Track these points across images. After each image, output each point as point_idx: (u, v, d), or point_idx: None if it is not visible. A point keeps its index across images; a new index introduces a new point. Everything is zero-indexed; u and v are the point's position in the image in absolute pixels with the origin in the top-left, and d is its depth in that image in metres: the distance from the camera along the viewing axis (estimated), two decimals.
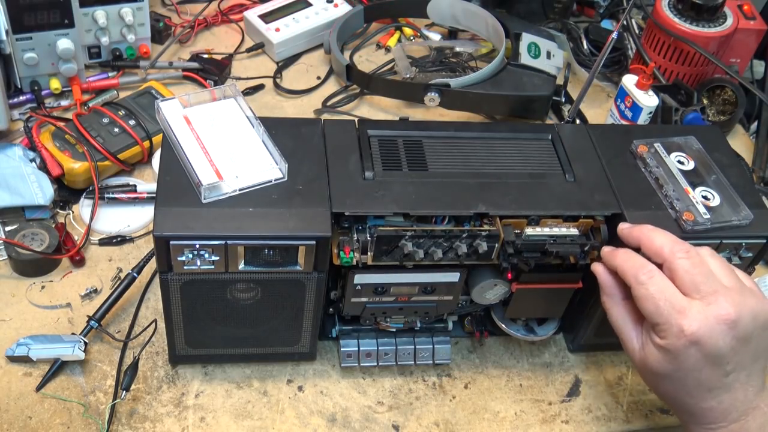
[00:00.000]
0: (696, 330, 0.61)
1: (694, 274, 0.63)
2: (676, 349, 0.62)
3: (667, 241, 0.66)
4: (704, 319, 0.61)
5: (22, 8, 0.94)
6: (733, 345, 0.62)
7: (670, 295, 0.63)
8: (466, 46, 1.21)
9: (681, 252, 0.64)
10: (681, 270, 0.63)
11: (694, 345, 0.62)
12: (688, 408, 0.66)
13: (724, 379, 0.64)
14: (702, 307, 0.61)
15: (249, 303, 0.74)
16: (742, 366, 0.64)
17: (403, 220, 0.72)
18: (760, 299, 0.64)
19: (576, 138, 0.81)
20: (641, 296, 0.64)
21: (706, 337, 0.61)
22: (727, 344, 0.62)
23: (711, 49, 1.09)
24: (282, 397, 0.80)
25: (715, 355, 0.62)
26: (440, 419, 0.80)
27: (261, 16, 1.19)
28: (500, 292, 0.78)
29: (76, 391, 0.77)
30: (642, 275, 0.64)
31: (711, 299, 0.62)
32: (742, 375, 0.64)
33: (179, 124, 0.75)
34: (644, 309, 0.64)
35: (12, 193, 0.88)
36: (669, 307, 0.62)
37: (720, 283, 0.63)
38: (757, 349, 0.64)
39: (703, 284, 0.62)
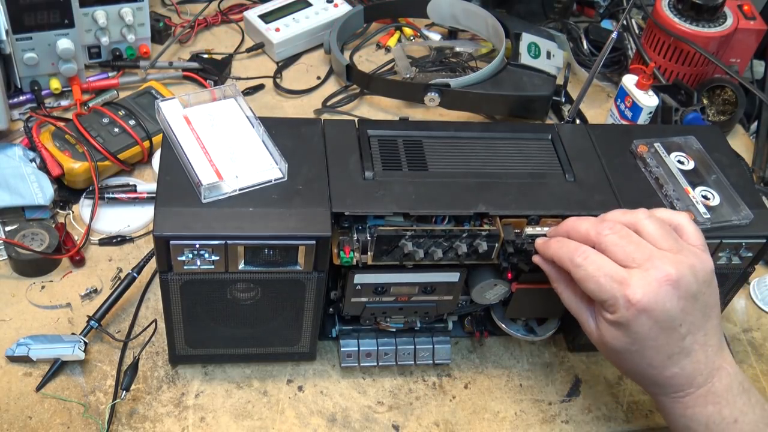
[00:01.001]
0: (641, 297, 0.61)
1: (624, 245, 0.63)
2: (627, 320, 0.62)
3: (591, 224, 0.66)
4: (647, 284, 0.61)
5: (22, 8, 0.94)
6: (681, 305, 0.62)
7: (609, 270, 0.62)
8: (466, 46, 1.21)
9: (606, 229, 0.64)
10: (611, 245, 0.63)
11: (643, 313, 0.61)
12: (653, 379, 0.66)
13: (681, 342, 0.63)
14: (641, 273, 0.61)
15: (249, 303, 0.74)
16: (696, 326, 0.64)
17: (403, 220, 0.72)
18: (699, 255, 0.64)
19: (576, 138, 0.81)
20: (581, 278, 0.64)
21: (653, 302, 0.61)
22: (675, 305, 0.62)
23: (711, 49, 1.09)
24: (282, 397, 0.80)
25: (666, 318, 0.62)
26: (440, 419, 0.80)
27: (261, 16, 1.19)
28: (500, 292, 0.78)
29: (76, 391, 0.77)
30: (577, 258, 0.64)
31: (648, 264, 0.61)
32: (699, 336, 0.64)
33: (179, 124, 0.75)
34: (588, 289, 0.64)
35: (12, 193, 0.88)
36: (610, 282, 0.62)
37: (653, 248, 0.63)
38: (706, 306, 0.64)
39: (635, 252, 0.62)
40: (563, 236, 0.68)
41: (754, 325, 0.92)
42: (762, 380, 0.87)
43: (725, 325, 0.90)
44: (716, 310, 0.65)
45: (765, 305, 0.94)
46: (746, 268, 0.78)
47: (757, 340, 0.91)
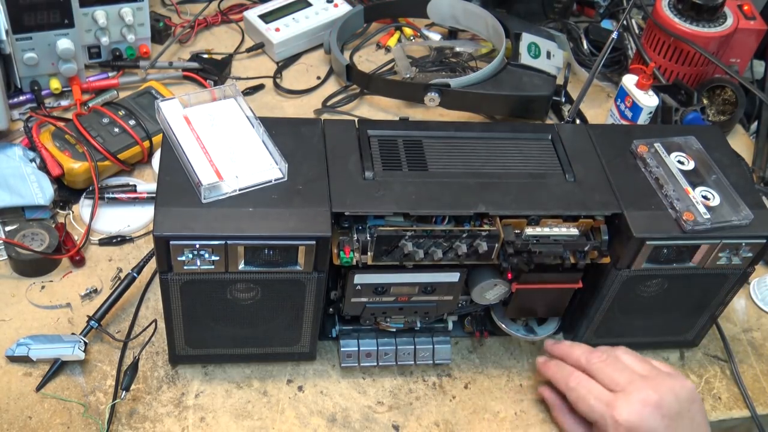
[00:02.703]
0: (627, 417, 0.68)
1: (610, 372, 0.72)
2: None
3: (582, 351, 0.75)
4: (630, 405, 0.68)
5: (22, 8, 0.94)
6: (666, 423, 0.69)
7: (598, 393, 0.71)
8: (466, 46, 1.21)
9: (595, 357, 0.74)
10: (599, 371, 0.72)
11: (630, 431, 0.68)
12: None
13: None
14: (626, 396, 0.69)
15: (249, 303, 0.74)
16: None
17: (403, 220, 0.72)
18: (677, 378, 0.72)
19: (576, 138, 0.81)
20: (575, 399, 0.73)
21: (638, 421, 0.68)
22: (659, 423, 0.68)
23: (711, 49, 1.09)
24: (282, 397, 0.80)
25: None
26: (440, 419, 0.80)
27: (261, 16, 1.19)
28: (500, 292, 0.78)
29: (76, 391, 0.77)
30: (571, 382, 0.73)
31: (631, 388, 0.70)
32: None
33: (179, 124, 0.75)
34: (581, 410, 0.72)
35: (12, 193, 0.88)
36: (599, 404, 0.70)
37: (636, 374, 0.71)
38: (693, 423, 0.70)
39: (620, 378, 0.71)
40: (559, 357, 0.78)
41: (754, 325, 0.92)
42: (762, 380, 0.87)
43: (725, 325, 0.90)
44: (704, 427, 0.71)
45: (765, 305, 0.94)
46: (746, 268, 0.78)
47: (757, 340, 0.91)
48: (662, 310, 0.82)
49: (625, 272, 0.75)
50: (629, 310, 0.81)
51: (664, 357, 0.88)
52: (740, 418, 0.84)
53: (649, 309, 0.81)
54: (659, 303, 0.81)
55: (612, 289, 0.77)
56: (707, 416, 0.73)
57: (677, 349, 0.89)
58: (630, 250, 0.73)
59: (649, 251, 0.73)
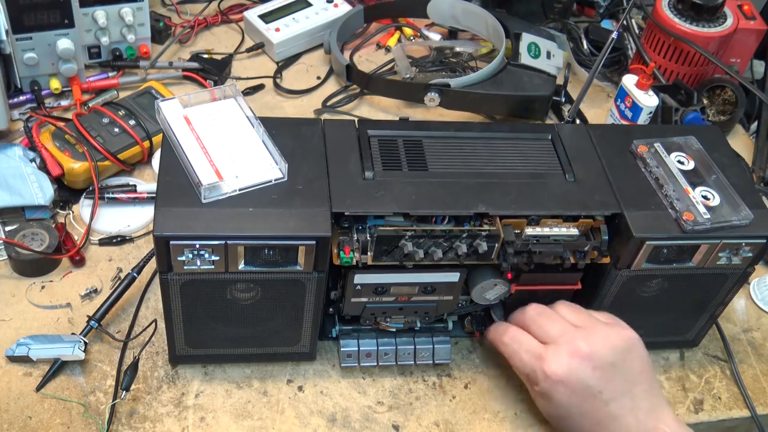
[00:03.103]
0: (555, 369, 0.67)
1: (541, 322, 0.71)
2: (547, 391, 0.69)
3: (520, 310, 0.75)
4: (559, 357, 0.68)
5: (22, 8, 0.94)
6: (598, 375, 0.67)
7: (529, 346, 0.70)
8: (466, 46, 1.21)
9: (531, 310, 0.73)
10: (530, 321, 0.72)
11: (559, 383, 0.68)
12: None
13: (606, 408, 0.68)
14: (556, 348, 0.68)
15: (249, 303, 0.74)
16: (620, 392, 0.68)
17: (403, 220, 0.72)
18: (613, 328, 0.70)
19: (576, 138, 0.81)
20: (509, 355, 0.73)
21: (567, 373, 0.67)
22: (590, 375, 0.67)
23: (711, 49, 1.09)
24: (282, 397, 0.80)
25: (582, 387, 0.68)
26: (440, 419, 0.80)
27: (261, 16, 1.19)
28: (500, 292, 0.78)
29: (76, 391, 0.77)
30: (505, 338, 0.73)
31: (561, 340, 0.69)
32: (625, 401, 0.68)
33: (179, 124, 0.75)
34: (514, 366, 0.73)
35: (12, 193, 0.88)
36: (530, 357, 0.70)
37: (568, 325, 0.70)
38: (630, 373, 0.68)
39: (551, 329, 0.70)
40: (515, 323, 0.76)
41: (754, 325, 0.92)
42: (762, 380, 0.87)
43: (725, 325, 0.90)
44: (645, 375, 0.69)
45: (765, 305, 0.94)
46: (746, 268, 0.78)
47: (757, 340, 0.91)
48: (662, 310, 0.82)
49: (625, 272, 0.75)
50: (629, 310, 0.81)
51: (664, 357, 0.88)
52: (740, 418, 0.84)
53: (649, 309, 0.81)
54: (659, 303, 0.81)
55: (612, 289, 0.77)
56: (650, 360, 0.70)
57: (677, 349, 0.89)
58: (630, 250, 0.73)
59: (649, 251, 0.73)
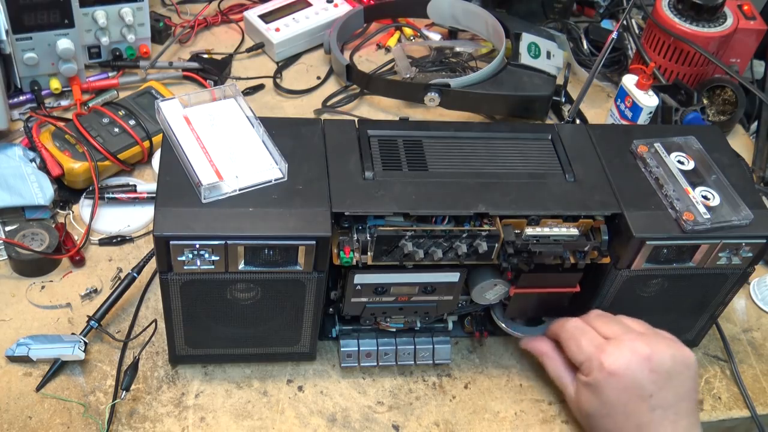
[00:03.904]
0: (613, 361, 0.68)
1: (608, 324, 0.72)
2: (598, 382, 0.69)
3: (578, 318, 0.76)
4: (620, 352, 0.69)
5: (22, 8, 0.94)
6: (653, 378, 0.68)
7: (591, 337, 0.71)
8: (466, 46, 1.21)
9: (593, 314, 0.75)
10: (596, 322, 0.73)
11: (613, 377, 0.68)
12: None
13: (651, 413, 0.68)
14: (618, 343, 0.69)
15: (249, 303, 0.74)
16: (667, 402, 0.68)
17: (403, 220, 0.72)
18: (676, 343, 0.71)
19: (576, 138, 0.81)
20: (567, 338, 0.73)
21: (623, 368, 0.68)
22: (645, 376, 0.68)
23: (711, 49, 1.09)
24: (282, 397, 0.80)
25: (635, 386, 0.68)
26: (440, 419, 0.80)
27: (261, 16, 1.19)
28: (500, 292, 0.78)
29: (76, 391, 0.77)
30: (568, 324, 0.75)
31: (624, 338, 0.70)
32: (669, 412, 0.68)
33: (179, 124, 0.75)
34: (569, 349, 0.73)
35: (12, 193, 0.88)
36: (589, 345, 0.71)
37: (632, 329, 0.72)
38: (682, 389, 0.69)
39: (617, 330, 0.71)
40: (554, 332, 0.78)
41: (754, 325, 0.92)
42: (762, 380, 0.87)
43: (725, 325, 0.90)
44: (692, 395, 0.70)
45: (765, 305, 0.94)
46: (746, 268, 0.78)
47: (757, 340, 0.91)
48: (662, 310, 0.82)
49: (625, 272, 0.75)
50: (629, 310, 0.81)
51: None
52: (740, 418, 0.84)
53: (649, 309, 0.81)
54: (659, 303, 0.81)
55: (612, 289, 0.77)
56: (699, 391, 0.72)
57: None
58: (630, 250, 0.73)
59: (649, 251, 0.73)
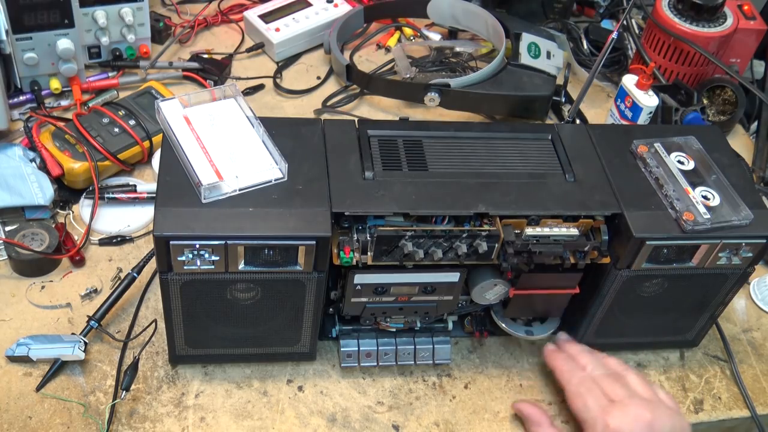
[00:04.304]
0: (618, 424, 0.70)
1: (615, 385, 0.74)
2: None
3: (590, 359, 0.77)
4: (624, 416, 0.70)
5: (22, 8, 0.94)
6: None
7: (598, 396, 0.73)
8: (466, 46, 1.21)
9: (602, 369, 0.76)
10: (602, 380, 0.74)
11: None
12: None
13: None
14: (623, 407, 0.71)
15: (249, 303, 0.74)
16: None
17: (403, 220, 0.72)
18: (676, 412, 0.74)
19: (576, 138, 0.81)
20: (573, 395, 0.74)
21: (627, 431, 0.70)
22: None
23: (711, 49, 1.09)
24: (282, 397, 0.80)
25: None
26: (440, 419, 0.80)
27: (261, 16, 1.19)
28: (500, 292, 0.79)
29: (76, 391, 0.77)
30: (575, 378, 0.75)
31: (629, 402, 0.72)
32: None
33: (179, 124, 0.75)
34: (575, 406, 0.74)
35: (12, 193, 0.88)
36: (596, 405, 0.72)
37: (637, 394, 0.73)
38: None
39: (622, 393, 0.73)
40: (567, 353, 0.79)
41: (754, 325, 0.92)
42: (762, 380, 0.87)
43: (725, 325, 0.90)
44: None
45: (765, 305, 0.94)
46: (746, 268, 0.78)
47: (757, 340, 0.91)
48: (662, 310, 0.82)
49: (625, 272, 0.75)
50: (629, 310, 0.81)
51: (664, 357, 0.88)
52: (740, 418, 0.84)
53: (649, 309, 0.81)
54: (659, 303, 0.81)
55: (612, 289, 0.77)
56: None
57: (677, 349, 0.89)
58: (630, 250, 0.73)
59: (649, 251, 0.73)
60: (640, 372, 0.79)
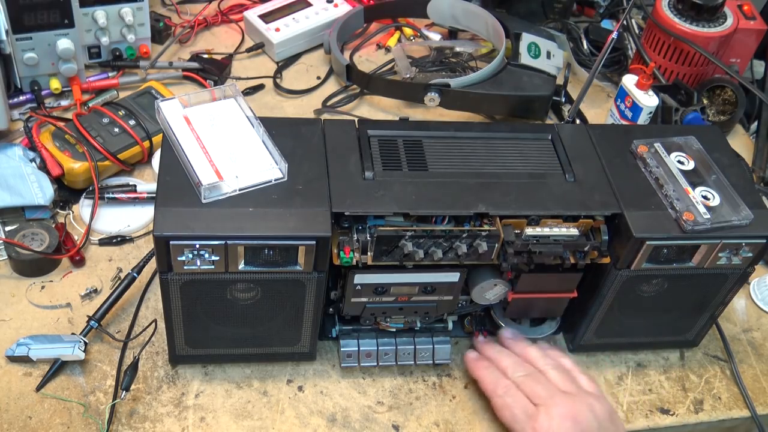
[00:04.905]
0: (546, 429, 0.71)
1: (534, 386, 0.75)
2: None
3: (511, 362, 0.78)
4: (550, 419, 0.72)
5: (22, 8, 0.94)
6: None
7: (523, 405, 0.74)
8: (466, 46, 1.21)
9: (520, 371, 0.77)
10: (523, 385, 0.75)
11: None
12: None
13: None
14: (547, 410, 0.72)
15: (249, 303, 0.74)
16: None
17: (403, 220, 0.72)
18: (597, 398, 0.75)
19: (576, 138, 0.81)
20: (500, 406, 0.76)
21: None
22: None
23: (711, 49, 1.09)
24: (282, 397, 0.80)
25: None
26: (440, 419, 0.80)
27: (261, 16, 1.19)
28: (500, 292, 0.78)
29: (76, 391, 0.77)
30: (500, 389, 0.76)
31: (550, 402, 0.73)
32: None
33: (179, 124, 0.75)
34: (503, 417, 0.75)
35: (12, 193, 0.88)
36: (522, 414, 0.73)
37: (557, 390, 0.74)
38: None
39: (543, 392, 0.74)
40: (487, 357, 0.80)
41: (754, 325, 0.92)
42: (762, 380, 0.87)
43: (725, 325, 0.90)
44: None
45: (765, 305, 0.94)
46: (746, 268, 0.78)
47: (757, 340, 0.91)
48: (662, 310, 0.82)
49: (625, 272, 0.75)
50: (629, 310, 0.81)
51: (664, 357, 0.88)
52: (740, 418, 0.84)
53: (649, 309, 0.81)
54: (659, 303, 0.81)
55: (612, 289, 0.77)
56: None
57: (677, 349, 0.89)
58: (630, 250, 0.73)
59: (649, 251, 0.73)
60: (556, 350, 0.80)
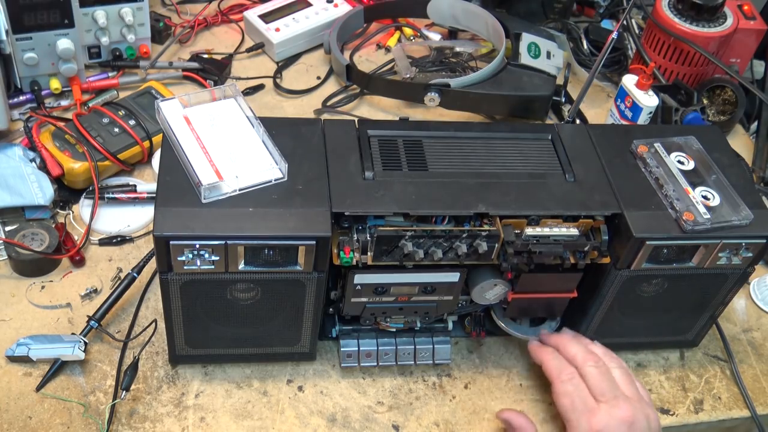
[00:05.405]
0: (602, 427, 0.72)
1: (600, 381, 0.75)
2: None
3: (579, 349, 0.78)
4: (609, 418, 0.72)
5: (22, 8, 0.94)
6: None
7: (584, 396, 0.74)
8: (466, 46, 1.21)
9: (590, 361, 0.76)
10: (590, 376, 0.75)
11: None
12: None
13: None
14: (607, 408, 0.73)
15: (249, 303, 0.74)
16: None
17: (403, 220, 0.72)
18: (651, 408, 0.76)
19: (576, 138, 0.81)
20: (561, 392, 0.75)
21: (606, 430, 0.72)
22: None
23: (711, 49, 1.09)
24: (282, 397, 0.80)
25: None
26: (440, 419, 0.80)
27: (261, 16, 1.19)
28: (500, 292, 0.78)
29: (76, 391, 0.77)
30: (564, 375, 0.76)
31: (614, 403, 0.73)
32: None
33: (179, 124, 0.75)
34: (560, 404, 0.75)
35: (12, 193, 0.88)
36: (582, 405, 0.74)
37: (621, 391, 0.75)
38: None
39: (608, 390, 0.74)
40: (554, 346, 0.80)
41: (754, 325, 0.92)
42: (762, 380, 0.87)
43: (725, 325, 0.90)
44: None
45: (765, 305, 0.94)
46: (746, 268, 0.78)
47: (757, 340, 0.91)
48: (662, 310, 0.82)
49: (625, 272, 0.75)
50: (629, 310, 0.81)
51: (664, 357, 0.88)
52: (740, 418, 0.84)
53: (649, 309, 0.81)
54: (659, 303, 0.81)
55: (612, 289, 0.77)
56: None
57: (677, 349, 0.89)
58: (630, 250, 0.73)
59: (649, 251, 0.73)
60: (620, 359, 0.79)
